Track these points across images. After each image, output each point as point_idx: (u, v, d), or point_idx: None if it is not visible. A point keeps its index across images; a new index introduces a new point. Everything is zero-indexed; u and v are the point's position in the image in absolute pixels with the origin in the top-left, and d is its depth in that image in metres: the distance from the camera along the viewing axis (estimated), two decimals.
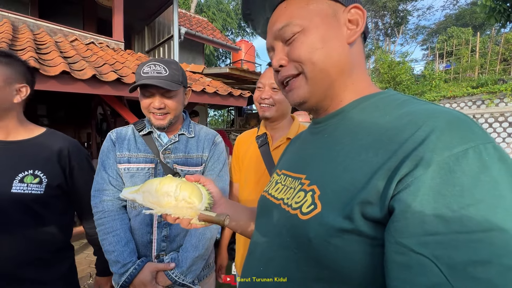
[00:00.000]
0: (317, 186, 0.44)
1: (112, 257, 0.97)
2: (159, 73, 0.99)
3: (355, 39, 0.47)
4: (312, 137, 0.57)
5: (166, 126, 1.06)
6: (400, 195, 0.33)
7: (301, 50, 0.47)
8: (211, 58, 15.02)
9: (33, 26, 4.17)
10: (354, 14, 0.47)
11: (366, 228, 0.36)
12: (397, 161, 0.34)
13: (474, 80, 7.82)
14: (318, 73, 0.47)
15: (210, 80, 4.53)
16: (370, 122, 0.44)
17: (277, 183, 0.58)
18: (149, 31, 6.99)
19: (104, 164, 1.06)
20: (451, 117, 0.35)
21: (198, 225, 0.57)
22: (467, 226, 0.28)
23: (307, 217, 0.42)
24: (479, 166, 0.30)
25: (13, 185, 0.93)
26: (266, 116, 1.19)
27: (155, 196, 0.56)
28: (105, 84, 2.82)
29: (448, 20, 19.32)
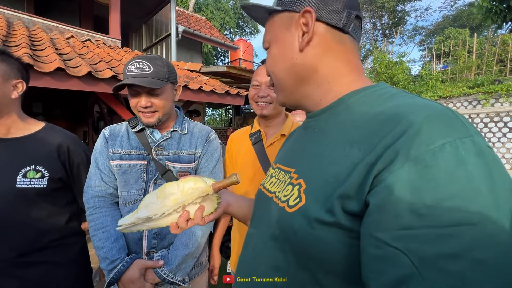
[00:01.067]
0: (303, 180, 0.46)
1: (101, 253, 0.97)
2: (143, 71, 0.97)
3: (305, 43, 0.49)
4: (304, 131, 0.58)
5: (155, 123, 1.05)
6: (376, 190, 0.34)
7: (267, 65, 0.56)
8: (209, 57, 14.98)
9: (29, 23, 4.13)
10: (306, 18, 0.48)
11: (346, 221, 0.37)
12: (375, 155, 0.35)
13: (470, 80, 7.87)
14: (279, 83, 0.55)
15: (208, 79, 4.52)
16: (357, 117, 0.44)
17: (271, 177, 0.60)
18: (147, 29, 6.96)
19: (97, 160, 1.06)
20: (432, 112, 0.35)
21: (211, 216, 0.59)
22: (439, 220, 0.29)
23: (292, 209, 0.44)
24: (455, 161, 0.30)
25: (17, 180, 0.98)
26: (264, 114, 1.17)
27: (159, 203, 0.56)
28: (101, 81, 2.80)
29: (446, 21, 19.43)
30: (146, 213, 0.57)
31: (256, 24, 18.63)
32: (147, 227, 0.60)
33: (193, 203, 0.57)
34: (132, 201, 1.04)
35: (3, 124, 1.00)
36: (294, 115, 2.91)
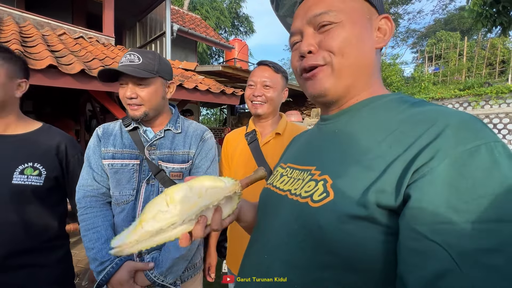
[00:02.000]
0: (329, 175, 0.45)
1: (91, 254, 0.95)
2: (132, 61, 0.97)
3: (383, 45, 0.51)
4: (320, 132, 0.57)
5: (141, 117, 1.02)
6: (416, 184, 0.34)
7: (336, 41, 0.47)
8: (204, 56, 14.91)
9: (19, 18, 4.04)
10: (383, 24, 0.50)
11: (379, 215, 0.37)
12: (413, 153, 0.36)
13: (461, 83, 8.05)
14: (346, 68, 0.48)
15: (203, 78, 4.50)
16: (382, 120, 0.45)
17: (282, 176, 0.58)
18: (141, 27, 6.88)
19: (90, 159, 1.04)
20: (464, 116, 0.37)
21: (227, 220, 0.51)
22: (478, 216, 0.30)
23: (318, 204, 0.43)
24: (491, 161, 0.32)
25: (14, 177, 0.98)
26: (258, 113, 1.20)
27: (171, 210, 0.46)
28: (94, 79, 2.75)
29: (437, 24, 19.79)
30: (157, 225, 0.45)
31: (251, 24, 18.62)
32: (153, 243, 0.47)
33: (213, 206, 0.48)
34: (124, 201, 1.02)
35: (3, 121, 1.01)
36: (289, 115, 2.92)
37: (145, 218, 0.46)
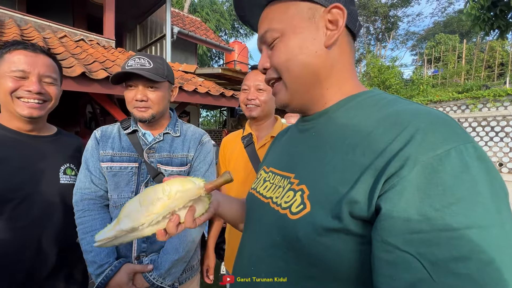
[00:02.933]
0: (306, 185, 0.45)
1: (90, 257, 0.95)
2: (142, 65, 0.99)
3: (333, 41, 0.46)
4: (299, 134, 0.57)
5: (148, 119, 1.04)
6: (386, 195, 0.34)
7: (279, 57, 0.49)
8: (204, 58, 14.96)
9: (20, 21, 4.07)
10: (335, 14, 0.45)
11: (354, 226, 0.37)
12: (384, 161, 0.36)
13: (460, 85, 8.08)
14: (294, 80, 0.49)
15: (203, 80, 4.52)
16: (357, 122, 0.44)
17: (265, 181, 0.58)
18: (141, 29, 6.91)
19: (88, 162, 1.05)
20: (434, 118, 0.36)
21: (202, 218, 0.54)
22: (448, 224, 0.30)
23: (296, 216, 0.43)
24: (460, 166, 0.32)
25: (60, 177, 1.03)
26: (252, 116, 1.23)
27: (143, 210, 0.50)
28: (94, 82, 2.78)
29: (437, 27, 19.87)
30: (130, 224, 0.50)
31: None
32: (131, 238, 0.53)
33: (184, 207, 0.52)
34: (123, 204, 1.03)
35: (40, 123, 1.04)
36: (289, 118, 2.93)
37: (121, 217, 0.52)
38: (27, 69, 0.92)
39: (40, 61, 0.95)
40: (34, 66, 0.93)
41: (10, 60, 0.91)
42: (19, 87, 0.91)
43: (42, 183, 0.97)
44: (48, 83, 0.98)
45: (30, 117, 0.94)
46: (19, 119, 0.95)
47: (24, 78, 0.92)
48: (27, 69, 0.92)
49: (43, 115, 0.99)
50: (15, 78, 0.90)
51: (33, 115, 0.94)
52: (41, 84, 0.95)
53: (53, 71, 1.00)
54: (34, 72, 0.93)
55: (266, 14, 0.51)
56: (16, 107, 0.92)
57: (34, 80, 0.92)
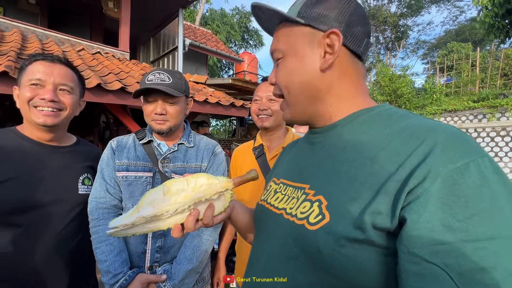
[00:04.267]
0: (323, 196, 0.45)
1: (104, 266, 0.96)
2: (162, 80, 1.02)
3: (328, 65, 0.48)
4: (310, 146, 0.57)
5: (166, 131, 1.07)
6: (411, 206, 0.34)
7: (281, 77, 0.53)
8: (214, 69, 15.25)
9: (42, 36, 4.28)
10: (332, 39, 0.48)
11: (377, 237, 0.37)
12: (405, 173, 0.36)
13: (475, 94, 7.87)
14: (293, 99, 0.53)
15: (213, 91, 4.59)
16: (372, 135, 0.45)
17: (276, 192, 0.58)
18: (155, 42, 7.15)
19: (103, 171, 1.07)
20: (451, 132, 0.38)
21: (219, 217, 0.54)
22: (472, 234, 0.31)
23: (315, 227, 0.43)
24: (480, 178, 0.33)
25: (79, 187, 1.04)
26: (265, 126, 1.23)
27: (167, 199, 0.49)
28: (109, 93, 2.86)
29: (448, 35, 19.65)
30: (152, 211, 0.49)
31: (260, 37, 19.03)
32: (147, 230, 0.52)
33: (205, 201, 0.51)
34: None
35: (60, 134, 1.06)
36: (299, 128, 2.92)
37: (142, 204, 0.51)
38: (43, 77, 0.94)
39: (57, 70, 0.97)
40: (50, 75, 0.95)
41: (29, 71, 0.94)
42: (35, 95, 0.93)
43: (61, 193, 0.98)
44: (63, 92, 0.99)
45: (45, 125, 0.95)
46: (38, 128, 0.98)
47: (41, 87, 0.94)
48: (43, 77, 0.94)
49: (58, 124, 0.99)
50: (32, 87, 0.93)
51: (47, 123, 0.95)
52: (56, 93, 0.97)
53: (70, 80, 1.01)
54: (49, 80, 0.95)
55: (276, 34, 0.55)
56: (32, 116, 0.94)
57: (49, 89, 0.94)
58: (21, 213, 0.89)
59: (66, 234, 0.97)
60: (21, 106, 0.95)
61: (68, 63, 1.04)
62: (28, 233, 0.89)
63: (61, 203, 0.97)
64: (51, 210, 0.94)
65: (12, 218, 0.87)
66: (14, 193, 0.88)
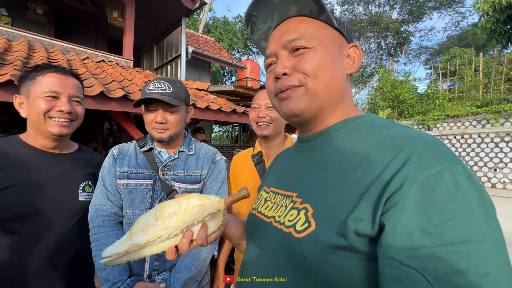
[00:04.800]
0: (309, 204, 0.46)
1: (103, 275, 0.96)
2: (163, 90, 1.04)
3: (352, 72, 0.54)
4: (299, 155, 0.59)
5: (166, 139, 1.08)
6: (389, 212, 0.36)
7: (310, 64, 0.49)
8: (217, 75, 15.40)
9: (48, 45, 4.38)
10: (352, 52, 0.54)
11: (359, 244, 0.38)
12: (384, 180, 0.38)
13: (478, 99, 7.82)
14: (320, 90, 0.50)
15: (215, 97, 4.63)
16: (355, 144, 0.47)
17: (266, 201, 0.59)
18: (158, 50, 7.26)
19: (104, 179, 1.08)
20: (427, 141, 0.40)
21: (213, 236, 0.53)
22: (447, 238, 0.32)
23: (301, 235, 0.44)
24: (453, 184, 0.34)
25: (79, 194, 1.05)
26: (264, 134, 1.23)
27: (159, 224, 0.49)
28: (112, 100, 2.90)
29: (451, 40, 19.65)
30: (145, 238, 0.49)
31: None
32: (141, 255, 0.51)
33: (197, 223, 0.51)
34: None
35: (63, 141, 1.08)
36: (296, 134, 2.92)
37: (134, 231, 0.50)
38: (59, 90, 0.97)
39: (70, 82, 1.01)
40: (65, 88, 0.99)
41: (42, 82, 0.96)
42: (51, 107, 0.96)
43: (61, 200, 0.99)
44: (76, 103, 1.03)
45: (60, 134, 0.99)
46: (47, 137, 1.00)
47: (56, 99, 0.97)
48: (59, 90, 0.97)
49: (70, 133, 1.04)
50: (48, 99, 0.95)
51: (63, 132, 0.99)
52: (71, 104, 1.01)
53: (80, 91, 1.07)
54: (65, 93, 0.99)
55: (295, 23, 0.52)
56: (48, 126, 0.97)
57: (64, 101, 0.98)
58: (21, 220, 0.90)
59: (66, 241, 0.98)
60: (34, 117, 0.96)
61: (76, 75, 1.08)
62: (28, 240, 0.90)
63: (61, 210, 0.98)
64: (51, 217, 0.95)
65: (12, 225, 0.88)
66: (15, 200, 0.89)
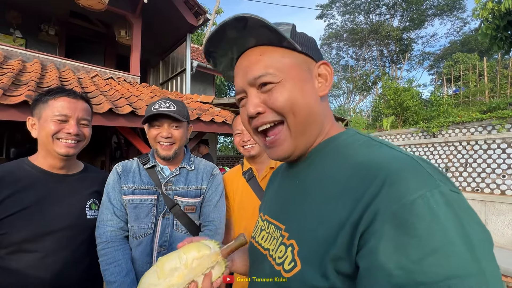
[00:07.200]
0: (295, 241, 0.45)
1: (114, 287, 1.00)
2: (168, 108, 1.13)
3: (326, 93, 0.51)
4: (286, 181, 0.59)
5: (172, 156, 1.15)
6: (362, 252, 0.35)
7: (281, 101, 0.48)
8: (221, 87, 15.64)
9: (60, 64, 4.58)
10: (323, 70, 0.51)
11: (340, 283, 0.37)
12: (357, 215, 0.36)
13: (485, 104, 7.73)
14: (300, 125, 0.49)
15: (219, 110, 4.72)
16: (334, 170, 0.46)
17: (262, 230, 0.59)
18: (164, 65, 7.48)
19: (110, 195, 1.13)
20: (401, 166, 0.37)
21: (218, 281, 0.54)
22: (428, 276, 0.30)
23: (289, 274, 0.44)
24: (429, 214, 0.32)
25: (87, 212, 1.09)
26: (252, 154, 1.31)
27: (162, 283, 0.50)
28: (120, 116, 3.00)
29: (454, 46, 19.60)
30: None
31: None
32: None
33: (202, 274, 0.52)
34: (142, 234, 1.10)
35: (71, 162, 1.13)
36: None
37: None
38: (69, 113, 1.03)
39: (79, 106, 1.07)
40: (74, 111, 1.05)
41: (54, 105, 1.02)
42: (60, 129, 1.02)
43: (71, 219, 1.04)
44: (84, 125, 1.09)
45: (67, 155, 1.03)
46: (54, 157, 1.05)
47: (65, 122, 1.03)
48: (69, 113, 1.03)
49: (77, 153, 1.09)
50: (57, 122, 1.01)
51: (70, 153, 1.04)
52: (79, 126, 1.06)
53: (88, 114, 1.13)
54: (74, 116, 1.04)
55: (257, 56, 0.49)
56: (55, 147, 1.02)
57: (73, 124, 1.04)
58: (35, 241, 0.94)
59: (76, 257, 1.03)
60: (43, 138, 1.02)
61: (86, 98, 1.14)
62: (42, 258, 0.95)
63: (71, 229, 1.03)
64: (62, 235, 1.00)
65: (27, 245, 0.93)
66: (27, 223, 0.94)
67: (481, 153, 4.17)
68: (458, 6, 18.56)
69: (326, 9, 21.55)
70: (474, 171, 4.23)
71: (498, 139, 4.01)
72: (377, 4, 20.07)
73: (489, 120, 4.54)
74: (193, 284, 0.51)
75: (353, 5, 20.76)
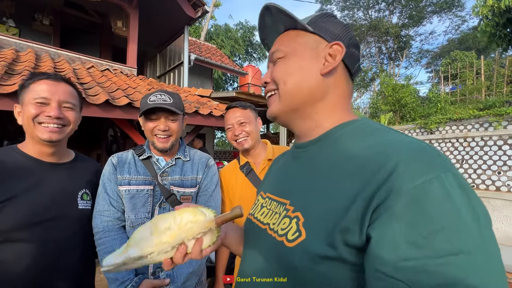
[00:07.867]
0: (301, 213, 0.46)
1: (111, 275, 1.02)
2: (164, 100, 1.12)
3: (328, 71, 0.52)
4: (294, 161, 0.60)
5: (169, 148, 1.16)
6: (375, 224, 0.36)
7: (279, 72, 0.56)
8: (219, 82, 15.54)
9: (54, 55, 4.49)
10: (334, 50, 0.52)
11: (348, 255, 0.38)
12: (371, 190, 0.37)
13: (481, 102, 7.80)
14: (287, 94, 0.54)
15: (217, 104, 4.68)
16: (346, 151, 0.47)
17: (262, 207, 0.60)
18: (161, 57, 7.38)
19: (105, 186, 1.13)
20: (416, 148, 0.39)
21: (208, 250, 0.54)
22: (436, 250, 0.31)
23: (292, 244, 0.44)
24: (443, 194, 0.33)
25: (79, 202, 1.07)
26: (245, 147, 1.32)
27: (153, 239, 0.51)
28: (117, 108, 2.95)
29: (451, 44, 19.67)
30: (138, 252, 0.51)
31: (264, 51, 19.39)
32: (138, 265, 0.54)
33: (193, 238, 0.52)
34: (139, 224, 1.11)
35: (60, 151, 1.09)
36: None
37: (131, 244, 0.53)
38: (49, 96, 0.97)
39: (61, 88, 1.01)
40: (55, 93, 0.98)
41: (34, 89, 0.97)
42: (40, 113, 0.96)
43: (62, 209, 1.01)
44: (67, 109, 1.03)
45: (50, 140, 0.98)
46: (41, 144, 1.00)
47: (46, 105, 0.97)
48: (49, 96, 0.97)
49: (62, 139, 1.03)
50: (37, 105, 0.96)
51: (52, 138, 0.98)
52: (61, 110, 1.00)
53: (73, 97, 1.05)
54: (54, 98, 0.98)
55: (279, 38, 0.58)
56: (37, 132, 0.97)
57: (54, 106, 0.97)
58: (24, 230, 0.91)
59: (68, 248, 1.00)
60: (25, 123, 0.98)
61: (70, 81, 1.08)
62: (31, 248, 0.92)
63: (62, 219, 1.00)
64: (53, 225, 0.97)
65: (16, 234, 0.90)
66: (15, 212, 0.91)
67: (477, 150, 4.20)
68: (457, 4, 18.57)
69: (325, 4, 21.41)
70: (470, 167, 4.27)
71: (495, 136, 4.04)
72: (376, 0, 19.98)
73: (486, 117, 4.57)
74: (183, 246, 0.52)
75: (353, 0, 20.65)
